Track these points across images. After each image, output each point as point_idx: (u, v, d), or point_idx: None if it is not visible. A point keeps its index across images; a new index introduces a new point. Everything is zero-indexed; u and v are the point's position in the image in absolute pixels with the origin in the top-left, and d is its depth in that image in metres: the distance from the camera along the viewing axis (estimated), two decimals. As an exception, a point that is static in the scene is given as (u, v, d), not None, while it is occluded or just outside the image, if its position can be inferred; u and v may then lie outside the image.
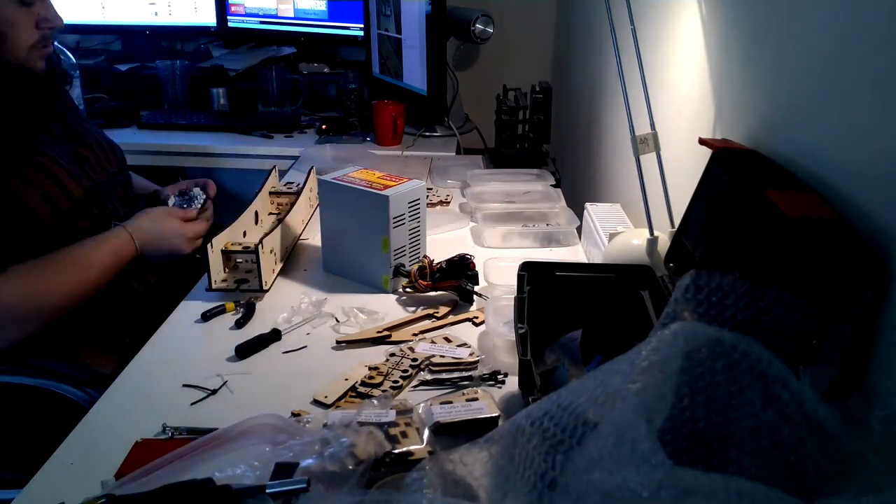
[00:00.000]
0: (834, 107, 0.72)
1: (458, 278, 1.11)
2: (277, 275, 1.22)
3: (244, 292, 1.14)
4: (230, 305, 1.10)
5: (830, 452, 0.53)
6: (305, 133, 2.16)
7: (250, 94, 2.29)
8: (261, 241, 1.13)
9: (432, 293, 1.14)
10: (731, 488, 0.45)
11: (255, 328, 1.04)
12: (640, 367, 0.52)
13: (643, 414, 0.48)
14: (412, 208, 1.17)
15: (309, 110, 2.35)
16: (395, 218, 1.14)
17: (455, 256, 1.13)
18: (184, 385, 0.91)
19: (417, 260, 1.17)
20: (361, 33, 2.28)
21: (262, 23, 2.42)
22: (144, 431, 0.82)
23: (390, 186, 1.15)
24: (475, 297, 1.12)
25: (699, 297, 0.59)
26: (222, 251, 1.15)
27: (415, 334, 1.04)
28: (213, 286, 1.12)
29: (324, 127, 2.12)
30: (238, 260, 1.19)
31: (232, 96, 2.29)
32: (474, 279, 1.12)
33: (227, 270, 1.18)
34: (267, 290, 1.15)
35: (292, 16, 2.39)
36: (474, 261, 1.13)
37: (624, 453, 0.46)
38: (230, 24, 2.44)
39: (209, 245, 1.11)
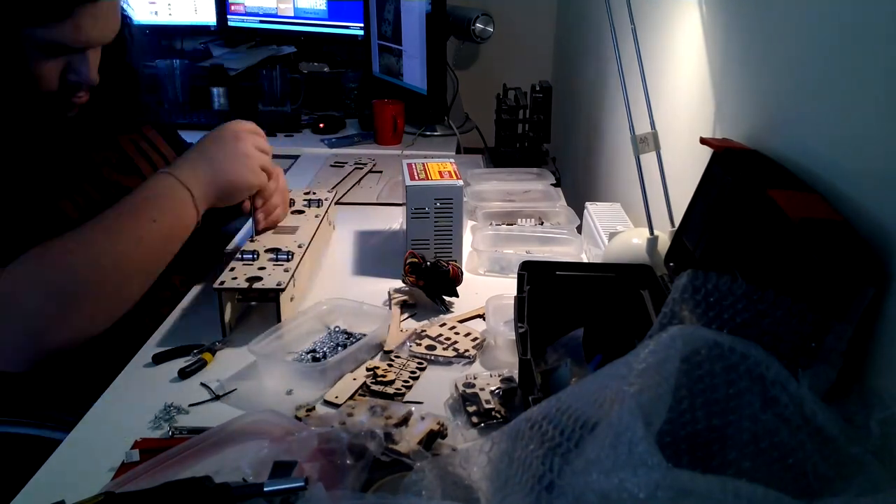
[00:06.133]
0: (834, 107, 0.72)
1: (431, 285, 1.11)
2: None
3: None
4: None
5: (829, 454, 0.53)
6: (305, 132, 2.16)
7: (250, 94, 2.29)
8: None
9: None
10: (729, 489, 0.45)
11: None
12: (637, 369, 0.52)
13: (640, 415, 0.48)
14: (442, 205, 1.20)
15: (309, 109, 2.35)
16: (415, 209, 1.19)
17: (431, 261, 1.12)
18: (201, 384, 0.91)
19: (413, 255, 1.17)
20: (361, 33, 2.28)
21: (262, 22, 2.43)
22: (144, 431, 0.81)
23: (427, 180, 1.20)
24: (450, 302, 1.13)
25: (697, 297, 0.59)
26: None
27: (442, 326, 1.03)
28: None
29: (320, 125, 2.12)
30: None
31: (232, 96, 2.29)
32: (450, 286, 1.11)
33: None
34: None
35: (292, 15, 2.39)
36: (456, 265, 1.12)
37: (621, 455, 0.46)
38: (230, 24, 2.44)
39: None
